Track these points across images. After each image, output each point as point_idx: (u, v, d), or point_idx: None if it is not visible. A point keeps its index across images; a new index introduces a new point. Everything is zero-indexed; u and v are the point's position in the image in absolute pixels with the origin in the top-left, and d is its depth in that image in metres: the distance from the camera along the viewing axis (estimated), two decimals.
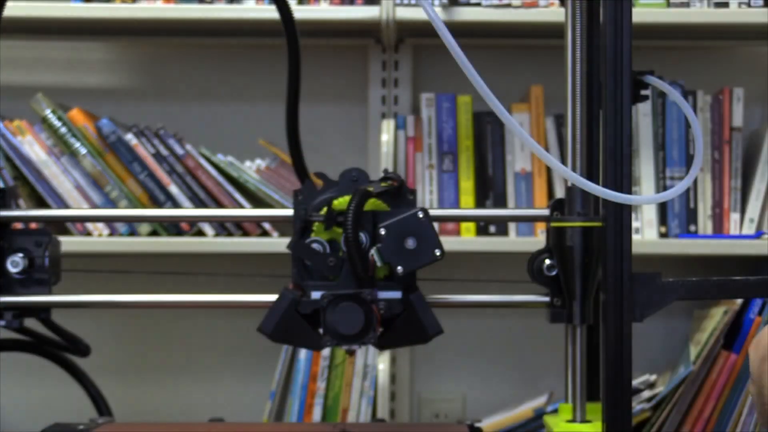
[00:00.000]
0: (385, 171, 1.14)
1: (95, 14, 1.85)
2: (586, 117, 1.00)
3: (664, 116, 1.86)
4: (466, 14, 1.82)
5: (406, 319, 1.00)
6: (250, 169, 1.89)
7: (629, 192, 0.91)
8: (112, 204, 1.84)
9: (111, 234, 1.83)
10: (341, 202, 1.01)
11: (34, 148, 1.85)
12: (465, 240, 1.85)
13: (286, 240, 1.03)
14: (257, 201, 1.89)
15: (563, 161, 1.82)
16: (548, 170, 1.88)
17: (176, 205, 1.83)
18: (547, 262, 1.01)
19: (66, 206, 1.83)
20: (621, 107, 0.91)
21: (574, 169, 0.99)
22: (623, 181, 0.90)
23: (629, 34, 0.91)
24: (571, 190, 0.98)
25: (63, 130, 1.84)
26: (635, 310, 0.90)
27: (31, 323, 1.12)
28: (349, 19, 1.86)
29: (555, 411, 1.07)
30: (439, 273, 1.07)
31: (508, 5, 1.82)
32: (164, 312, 2.06)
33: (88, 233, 1.83)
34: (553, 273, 1.00)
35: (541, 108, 1.87)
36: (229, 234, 1.83)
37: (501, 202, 1.87)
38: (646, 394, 1.74)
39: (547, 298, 1.02)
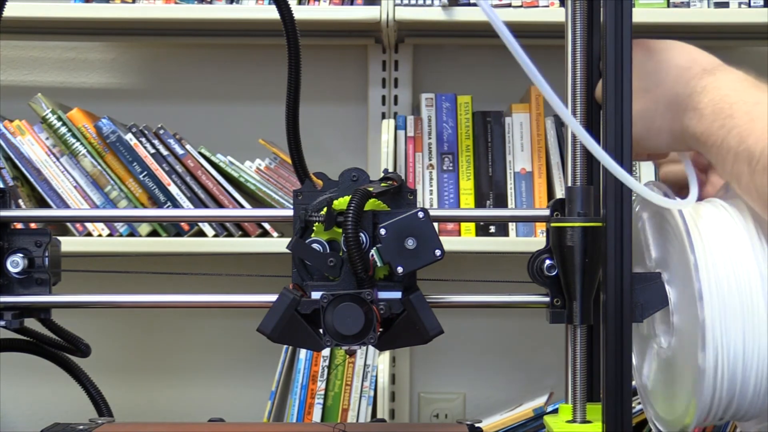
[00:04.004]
0: (385, 171, 1.14)
1: (95, 14, 1.85)
2: (586, 117, 1.00)
3: None
4: (466, 14, 1.82)
5: (406, 319, 0.99)
6: (250, 169, 1.89)
7: (630, 191, 0.91)
8: (112, 204, 1.84)
9: (111, 234, 1.84)
10: (341, 202, 1.01)
11: (34, 148, 1.85)
12: (465, 240, 1.85)
13: (286, 240, 1.03)
14: (257, 201, 1.89)
15: (563, 161, 1.82)
16: (548, 170, 1.88)
17: (176, 205, 1.83)
18: (548, 262, 1.01)
19: (66, 206, 1.83)
20: (621, 107, 0.91)
21: (574, 170, 0.99)
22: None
23: (629, 34, 0.91)
24: (571, 190, 0.98)
25: (63, 130, 1.84)
26: (635, 310, 0.90)
27: (31, 323, 1.12)
28: (349, 19, 1.86)
29: (555, 411, 1.07)
30: (439, 273, 1.07)
31: (508, 5, 1.82)
32: (164, 312, 2.06)
33: (88, 233, 1.83)
34: (554, 273, 1.00)
35: (541, 108, 1.87)
36: (229, 234, 1.83)
37: (501, 202, 1.87)
38: None
39: (547, 299, 1.02)
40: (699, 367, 0.86)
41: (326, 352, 1.84)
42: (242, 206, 1.84)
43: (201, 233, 1.84)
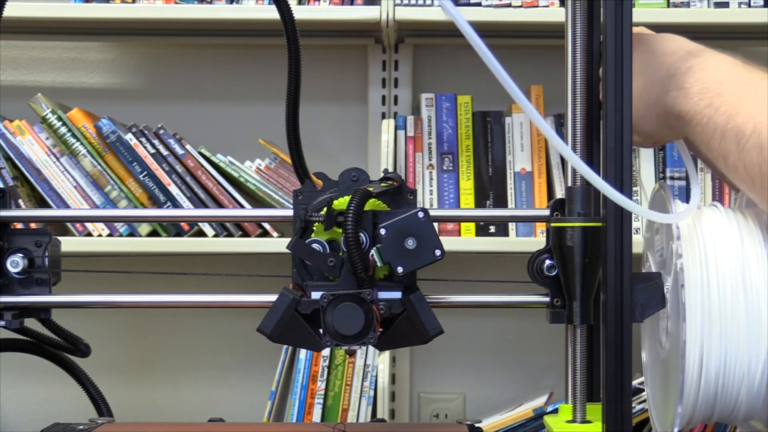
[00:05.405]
0: (385, 171, 1.14)
1: (95, 14, 1.85)
2: (586, 117, 1.00)
3: None
4: (466, 14, 1.80)
5: (406, 319, 0.99)
6: (250, 169, 1.89)
7: (630, 192, 0.91)
8: (112, 204, 1.84)
9: (111, 234, 1.84)
10: (341, 202, 1.01)
11: (34, 148, 1.85)
12: (465, 240, 1.85)
13: (286, 240, 1.03)
14: (257, 201, 1.89)
15: (563, 161, 1.82)
16: (548, 170, 1.88)
17: (176, 205, 1.83)
18: (548, 262, 1.01)
19: (66, 206, 1.83)
20: (621, 107, 0.91)
21: (574, 169, 0.99)
22: (624, 181, 0.90)
23: (629, 34, 0.91)
24: (571, 190, 0.98)
25: (63, 130, 1.84)
26: (635, 310, 0.90)
27: (31, 323, 1.12)
28: (349, 19, 1.86)
29: (555, 411, 1.07)
30: (439, 273, 1.07)
31: (508, 5, 1.82)
32: (164, 312, 2.06)
33: (88, 233, 1.83)
34: (554, 273, 1.00)
35: (541, 108, 1.87)
36: (229, 234, 1.83)
37: (501, 202, 1.87)
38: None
39: (547, 299, 1.02)
40: (679, 378, 0.86)
41: (326, 352, 1.84)
42: (242, 206, 1.84)
43: (201, 233, 1.84)
